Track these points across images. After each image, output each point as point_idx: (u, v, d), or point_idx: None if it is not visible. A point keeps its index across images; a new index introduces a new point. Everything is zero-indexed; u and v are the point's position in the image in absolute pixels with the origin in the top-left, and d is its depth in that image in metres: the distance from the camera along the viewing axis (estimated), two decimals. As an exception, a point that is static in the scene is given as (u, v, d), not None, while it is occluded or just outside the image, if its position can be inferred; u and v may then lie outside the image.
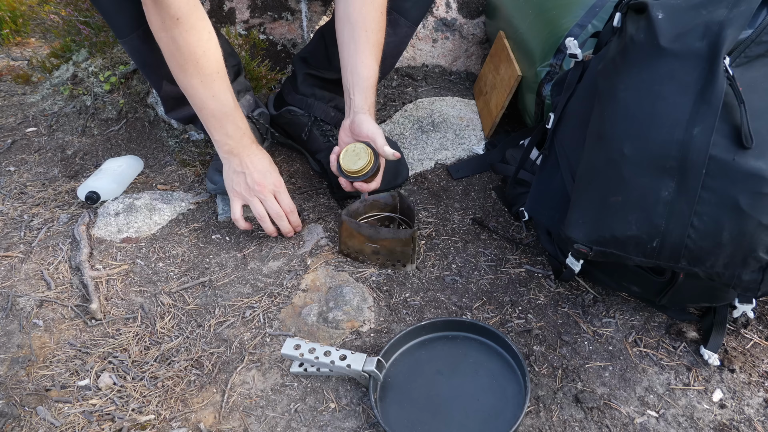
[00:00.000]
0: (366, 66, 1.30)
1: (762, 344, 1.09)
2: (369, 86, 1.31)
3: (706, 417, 0.97)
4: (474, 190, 1.51)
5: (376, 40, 1.31)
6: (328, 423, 0.98)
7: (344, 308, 1.17)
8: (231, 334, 1.14)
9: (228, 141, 1.28)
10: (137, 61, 1.34)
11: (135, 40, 1.26)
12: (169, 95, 1.41)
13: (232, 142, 1.28)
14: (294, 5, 1.79)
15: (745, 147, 0.83)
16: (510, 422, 0.94)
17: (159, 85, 1.39)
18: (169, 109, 1.46)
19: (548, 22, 1.48)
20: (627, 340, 1.10)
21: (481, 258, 1.30)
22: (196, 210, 1.48)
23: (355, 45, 1.31)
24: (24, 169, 1.65)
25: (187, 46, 1.16)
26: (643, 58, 0.90)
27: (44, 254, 1.34)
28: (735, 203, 0.84)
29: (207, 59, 1.19)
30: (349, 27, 1.31)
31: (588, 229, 0.95)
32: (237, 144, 1.28)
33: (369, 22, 1.29)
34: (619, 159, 0.90)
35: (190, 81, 1.21)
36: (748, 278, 0.90)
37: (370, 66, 1.31)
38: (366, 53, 1.30)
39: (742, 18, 0.85)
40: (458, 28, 1.99)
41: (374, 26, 1.30)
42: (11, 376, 1.06)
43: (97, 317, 1.17)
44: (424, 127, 1.71)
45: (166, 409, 1.01)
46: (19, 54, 2.48)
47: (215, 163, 1.46)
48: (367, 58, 1.31)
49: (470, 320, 1.11)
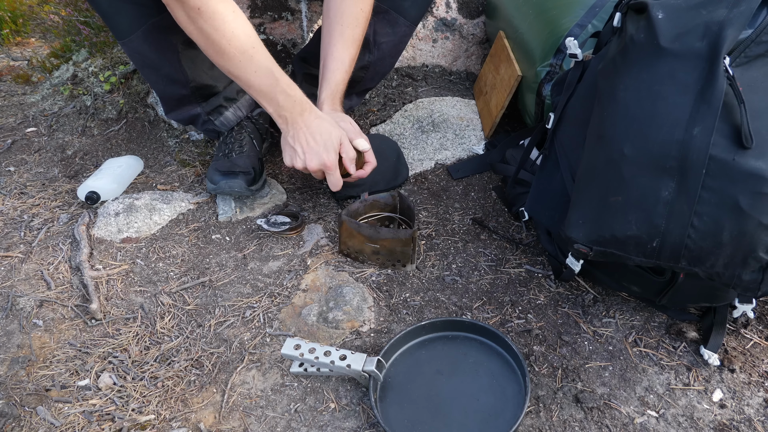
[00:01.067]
0: (334, 59, 1.33)
1: (762, 344, 1.09)
2: (336, 79, 1.33)
3: (706, 417, 0.97)
4: (474, 190, 1.51)
5: (350, 35, 1.33)
6: (328, 423, 0.98)
7: (344, 308, 1.17)
8: (231, 334, 1.14)
9: (282, 113, 1.25)
10: (137, 62, 1.34)
11: (134, 41, 1.26)
12: (169, 96, 1.41)
13: (285, 113, 1.25)
14: (294, 5, 1.79)
15: (745, 147, 0.83)
16: (510, 422, 0.94)
17: (159, 87, 1.39)
18: (169, 109, 1.46)
19: (548, 22, 1.48)
20: (627, 340, 1.10)
21: (481, 258, 1.30)
22: (196, 210, 1.48)
23: (328, 38, 1.33)
24: (24, 169, 1.65)
25: (215, 32, 1.15)
26: (643, 58, 0.90)
27: (44, 254, 1.34)
28: (735, 203, 0.84)
29: (237, 39, 1.17)
30: (327, 21, 1.33)
31: (588, 229, 0.95)
32: (291, 114, 1.25)
33: (345, 17, 1.31)
34: (619, 159, 0.90)
35: (228, 65, 1.19)
36: (748, 278, 0.90)
37: (338, 59, 1.33)
38: (338, 47, 1.32)
39: (742, 18, 0.85)
40: (458, 28, 1.99)
41: (351, 21, 1.31)
42: (11, 376, 1.06)
43: (97, 317, 1.17)
44: (424, 127, 1.71)
45: (166, 409, 1.01)
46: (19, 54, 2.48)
47: (215, 163, 1.46)
48: (337, 51, 1.32)
49: (470, 320, 1.11)
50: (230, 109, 1.48)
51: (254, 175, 1.44)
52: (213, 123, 1.47)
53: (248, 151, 1.47)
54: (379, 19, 1.44)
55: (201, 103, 1.43)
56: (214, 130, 1.50)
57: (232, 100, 1.47)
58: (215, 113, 1.46)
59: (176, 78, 1.36)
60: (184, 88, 1.38)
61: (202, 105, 1.44)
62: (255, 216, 1.45)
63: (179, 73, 1.35)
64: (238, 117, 1.49)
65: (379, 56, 1.52)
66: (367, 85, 1.61)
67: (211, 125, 1.47)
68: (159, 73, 1.34)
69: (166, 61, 1.32)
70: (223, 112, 1.47)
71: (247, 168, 1.43)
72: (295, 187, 1.55)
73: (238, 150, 1.46)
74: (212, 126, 1.48)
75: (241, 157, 1.45)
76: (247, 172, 1.42)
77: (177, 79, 1.36)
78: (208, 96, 1.43)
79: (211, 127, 1.48)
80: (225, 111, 1.47)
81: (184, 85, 1.38)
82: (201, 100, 1.43)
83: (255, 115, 1.53)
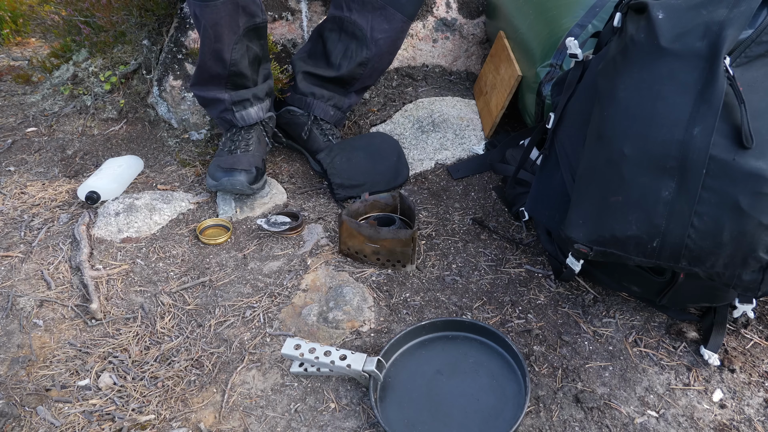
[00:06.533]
0: None
1: (762, 344, 1.09)
2: None
3: (706, 417, 0.97)
4: (474, 190, 1.51)
5: None
6: (328, 423, 0.98)
7: (344, 308, 1.17)
8: (231, 334, 1.14)
9: None
10: (203, 27, 1.35)
11: (215, 6, 1.29)
12: (207, 69, 1.42)
13: None
14: (294, 5, 1.79)
15: (746, 147, 0.83)
16: (510, 422, 0.94)
17: (205, 57, 1.40)
18: (197, 82, 1.47)
19: (548, 22, 1.48)
20: (627, 340, 1.10)
21: (481, 258, 1.30)
22: (197, 210, 1.48)
23: None
24: (24, 169, 1.65)
25: None
26: (644, 58, 0.90)
27: (44, 254, 1.33)
28: (735, 203, 0.84)
29: None
30: None
31: (588, 229, 0.95)
32: None
33: None
34: (619, 159, 0.90)
35: None
36: (749, 278, 0.90)
37: None
38: None
39: (742, 18, 0.85)
40: (458, 28, 1.99)
41: None
42: (11, 376, 1.06)
43: (97, 317, 1.17)
44: (424, 127, 1.71)
45: (166, 409, 1.01)
46: (20, 54, 2.48)
47: (218, 159, 1.46)
48: None
49: (470, 320, 1.11)
50: (254, 107, 1.48)
51: (256, 174, 1.44)
52: (233, 114, 1.47)
53: (254, 150, 1.47)
54: (376, 15, 1.44)
55: (230, 90, 1.44)
56: (230, 121, 1.49)
57: (259, 99, 1.48)
58: (239, 105, 1.46)
59: (224, 57, 1.38)
60: (225, 68, 1.40)
61: (231, 93, 1.44)
62: (255, 216, 1.45)
63: (228, 52, 1.37)
64: (259, 117, 1.50)
65: (377, 52, 1.52)
66: (365, 83, 1.61)
67: (231, 115, 1.47)
68: (213, 45, 1.36)
69: (225, 36, 1.35)
70: (247, 107, 1.47)
71: (249, 166, 1.43)
72: (296, 187, 1.55)
73: (245, 148, 1.46)
74: (231, 116, 1.48)
75: (246, 155, 1.44)
76: (249, 171, 1.42)
77: (224, 58, 1.38)
78: (240, 87, 1.45)
79: (228, 117, 1.48)
80: (250, 107, 1.48)
81: (226, 66, 1.40)
82: (232, 88, 1.44)
83: (266, 118, 1.53)
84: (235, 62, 1.39)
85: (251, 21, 1.36)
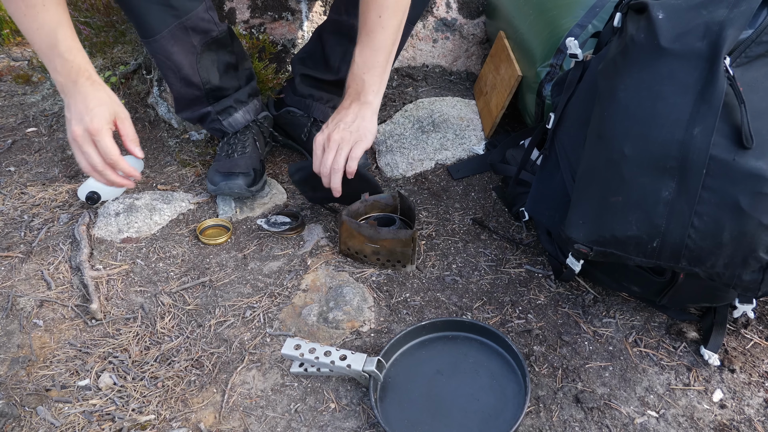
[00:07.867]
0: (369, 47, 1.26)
1: (762, 344, 1.09)
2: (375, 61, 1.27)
3: (706, 417, 0.97)
4: (474, 190, 1.51)
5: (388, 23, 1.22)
6: (328, 423, 0.98)
7: (344, 308, 1.17)
8: (231, 334, 1.14)
9: (57, 77, 1.12)
10: (159, 62, 1.35)
11: (160, 41, 1.27)
12: (183, 96, 1.43)
13: (61, 79, 1.12)
14: (294, 5, 1.79)
15: (746, 147, 0.83)
16: (510, 422, 0.94)
17: (176, 87, 1.40)
18: (181, 108, 1.48)
19: (548, 22, 1.48)
20: (627, 340, 1.10)
21: (482, 258, 1.30)
22: (197, 210, 1.48)
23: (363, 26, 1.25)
24: (24, 169, 1.65)
25: None
26: (644, 58, 0.90)
27: (44, 254, 1.33)
28: (735, 203, 0.84)
29: None
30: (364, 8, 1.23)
31: (588, 229, 0.95)
32: (65, 81, 1.12)
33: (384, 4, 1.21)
34: (620, 159, 0.90)
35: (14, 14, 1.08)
36: (749, 278, 0.90)
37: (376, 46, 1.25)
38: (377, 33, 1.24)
39: (742, 18, 0.85)
40: (458, 28, 1.99)
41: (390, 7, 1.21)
42: (11, 376, 1.06)
43: (98, 317, 1.17)
44: (424, 127, 1.71)
45: (166, 409, 1.01)
46: (20, 54, 2.48)
47: (216, 164, 1.46)
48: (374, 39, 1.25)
49: (470, 320, 1.11)
50: (240, 111, 1.49)
51: (254, 176, 1.45)
52: (221, 122, 1.47)
53: (250, 152, 1.47)
54: None
55: (213, 103, 1.45)
56: (220, 130, 1.50)
57: (242, 102, 1.48)
58: (224, 113, 1.47)
59: (193, 80, 1.38)
60: (199, 90, 1.40)
61: (213, 105, 1.45)
62: (255, 216, 1.45)
63: (196, 75, 1.37)
64: (247, 120, 1.50)
65: None
66: None
67: (219, 125, 1.48)
68: (178, 75, 1.35)
69: (185, 62, 1.34)
70: (232, 113, 1.48)
71: (247, 169, 1.43)
72: (296, 188, 1.55)
73: (241, 150, 1.46)
74: (219, 125, 1.48)
75: (242, 157, 1.45)
76: (247, 173, 1.43)
77: (193, 82, 1.38)
78: (219, 98, 1.45)
79: (218, 126, 1.49)
80: (234, 112, 1.48)
81: (199, 88, 1.40)
82: (213, 101, 1.44)
83: (260, 119, 1.53)
84: (207, 80, 1.39)
85: (206, 37, 1.33)
